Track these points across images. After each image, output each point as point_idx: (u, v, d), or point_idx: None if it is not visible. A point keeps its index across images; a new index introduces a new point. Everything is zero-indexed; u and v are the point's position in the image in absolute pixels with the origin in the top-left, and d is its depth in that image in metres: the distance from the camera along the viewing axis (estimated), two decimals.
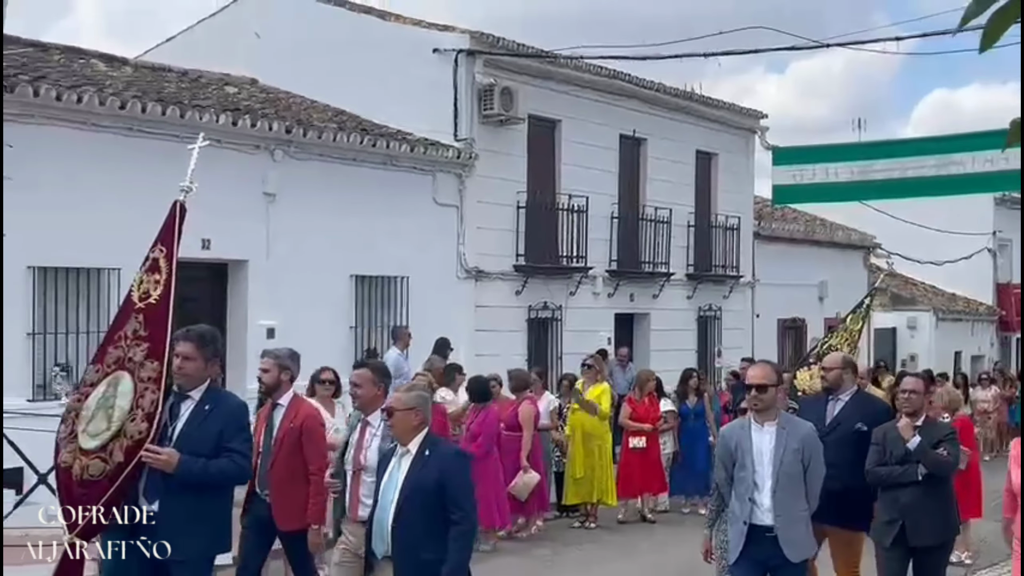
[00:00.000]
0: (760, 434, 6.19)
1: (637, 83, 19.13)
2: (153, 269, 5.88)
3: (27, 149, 11.18)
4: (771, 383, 6.22)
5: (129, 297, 5.95)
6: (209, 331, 6.00)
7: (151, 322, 5.70)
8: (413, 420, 5.60)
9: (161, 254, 5.90)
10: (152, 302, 5.76)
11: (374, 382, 6.45)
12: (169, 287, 5.77)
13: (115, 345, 5.77)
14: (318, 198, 14.09)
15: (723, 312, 21.62)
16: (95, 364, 5.86)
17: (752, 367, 6.52)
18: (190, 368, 5.70)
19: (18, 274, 11.24)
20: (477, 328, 16.35)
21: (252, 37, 17.77)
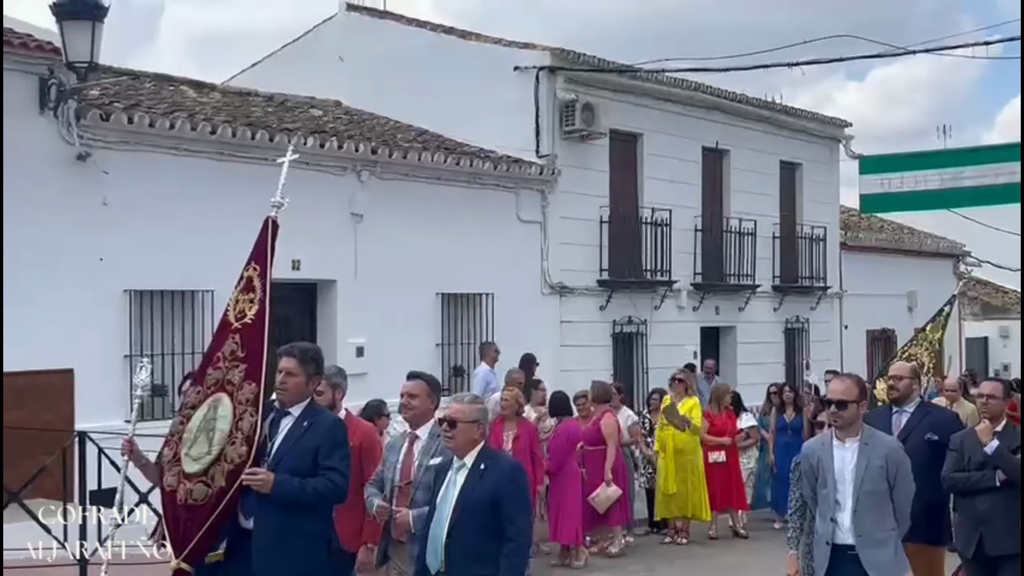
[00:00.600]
0: (842, 451, 5.97)
1: (719, 95, 19.02)
2: (248, 288, 5.88)
3: (122, 175, 11.47)
4: (852, 399, 5.93)
5: (225, 317, 5.93)
6: (312, 348, 5.97)
7: (247, 342, 5.69)
8: (475, 433, 5.46)
9: (255, 272, 5.90)
10: (248, 321, 5.76)
11: (428, 395, 6.30)
12: (264, 305, 5.77)
13: (214, 366, 5.77)
14: (404, 217, 14.24)
15: (810, 324, 21.33)
16: (195, 386, 5.88)
17: (833, 381, 6.22)
18: (291, 384, 5.64)
19: (115, 297, 11.53)
20: (562, 344, 16.35)
21: (335, 60, 18.03)
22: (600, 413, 11.68)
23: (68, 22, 10.49)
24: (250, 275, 5.91)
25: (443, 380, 14.80)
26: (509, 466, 5.61)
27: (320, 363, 5.91)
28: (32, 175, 10.84)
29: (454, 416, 5.47)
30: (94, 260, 11.21)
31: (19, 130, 10.75)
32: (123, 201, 11.43)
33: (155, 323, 11.96)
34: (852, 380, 6.08)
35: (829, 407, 5.97)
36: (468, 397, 5.69)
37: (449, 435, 5.49)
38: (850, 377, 6.17)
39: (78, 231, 11.13)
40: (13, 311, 10.44)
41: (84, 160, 11.17)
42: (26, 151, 10.77)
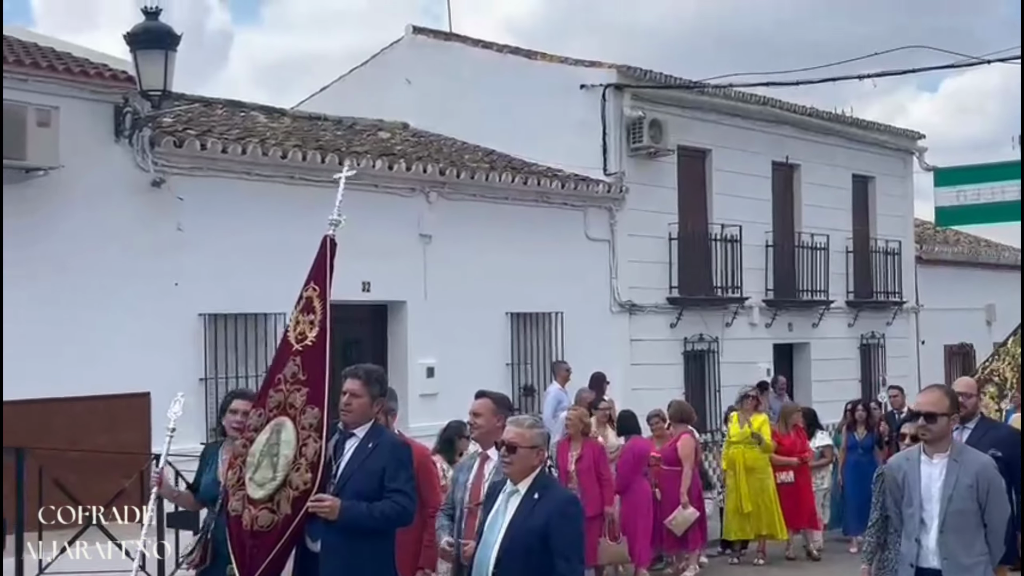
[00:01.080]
0: (929, 467, 5.64)
1: (788, 108, 18.84)
2: (307, 309, 5.81)
3: (196, 200, 11.64)
4: (942, 411, 5.60)
5: (286, 338, 5.88)
6: (376, 370, 5.89)
7: (309, 365, 5.64)
8: (535, 460, 5.19)
9: (314, 292, 5.83)
10: (309, 344, 5.70)
11: (494, 412, 6.17)
12: (324, 327, 5.69)
13: (275, 388, 5.73)
14: (472, 237, 14.27)
15: (886, 339, 20.98)
16: (257, 408, 5.82)
17: (922, 392, 5.93)
18: (356, 405, 5.60)
19: (190, 321, 11.68)
20: (632, 362, 16.25)
21: (403, 83, 18.16)
22: (678, 433, 11.57)
23: (142, 51, 10.69)
24: (309, 295, 5.85)
25: (513, 400, 14.76)
26: (564, 498, 5.29)
27: (384, 385, 5.86)
28: (108, 202, 11.05)
29: (514, 441, 5.20)
30: (169, 285, 11.38)
31: (95, 158, 10.97)
32: (197, 226, 11.60)
33: (229, 346, 12.10)
34: (942, 391, 5.79)
35: (917, 419, 5.68)
36: (528, 421, 5.38)
37: (507, 460, 5.23)
38: (940, 388, 5.88)
39: (153, 256, 11.31)
40: (90, 336, 10.64)
41: (159, 186, 11.36)
42: (102, 179, 10.99)
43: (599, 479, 10.14)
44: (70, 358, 10.38)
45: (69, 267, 10.66)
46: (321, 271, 5.86)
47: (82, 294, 10.70)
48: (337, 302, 13.75)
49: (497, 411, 6.19)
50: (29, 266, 10.38)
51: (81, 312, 10.64)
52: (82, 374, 10.27)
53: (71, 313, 10.59)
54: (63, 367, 10.23)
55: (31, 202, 10.48)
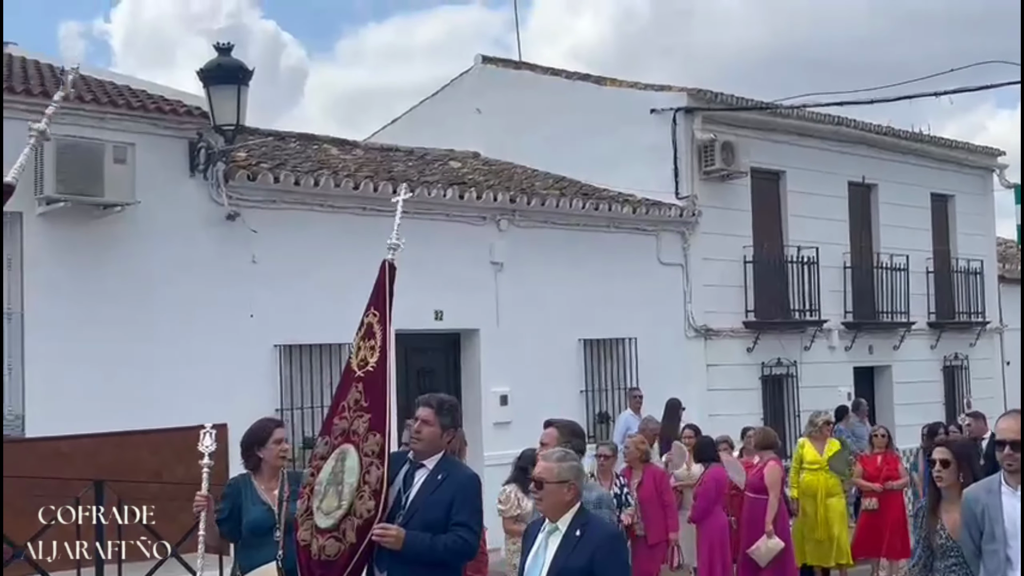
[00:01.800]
0: (1013, 499, 5.15)
1: (863, 128, 18.56)
2: (368, 335, 5.73)
3: (269, 233, 11.76)
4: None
5: (348, 365, 5.84)
6: (450, 400, 5.79)
7: (370, 391, 5.58)
8: (566, 495, 4.92)
9: (374, 318, 5.75)
10: (370, 369, 5.63)
11: (558, 441, 6.16)
12: (385, 353, 5.62)
13: (340, 416, 5.67)
14: (544, 264, 14.22)
15: (970, 361, 20.48)
16: (323, 436, 5.78)
17: (1003, 418, 5.39)
18: (426, 433, 5.53)
19: (265, 353, 11.78)
20: (709, 388, 16.04)
21: (473, 112, 18.24)
22: (764, 460, 11.31)
23: (215, 87, 10.85)
24: (370, 321, 5.76)
25: (588, 427, 14.67)
26: (608, 534, 5.09)
27: (456, 416, 5.75)
28: (184, 236, 11.21)
29: (540, 476, 4.99)
30: (244, 316, 11.50)
31: (171, 192, 11.15)
32: (271, 258, 11.72)
33: (304, 376, 12.18)
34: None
35: (1003, 448, 5.19)
36: (557, 454, 5.15)
37: (538, 496, 5.04)
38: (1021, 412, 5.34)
39: (229, 288, 11.44)
40: (168, 369, 10.77)
41: (233, 219, 11.50)
42: (178, 213, 11.16)
43: (662, 506, 9.98)
44: (149, 391, 10.52)
45: (146, 301, 10.82)
46: (381, 296, 5.78)
47: (159, 328, 10.85)
48: (410, 331, 13.87)
49: (563, 439, 6.18)
50: (107, 301, 10.56)
51: (159, 345, 10.79)
52: (160, 406, 10.38)
53: (149, 347, 10.74)
54: (142, 400, 10.36)
55: (109, 238, 10.68)
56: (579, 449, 6.22)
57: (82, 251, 10.45)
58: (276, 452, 6.07)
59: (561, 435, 6.24)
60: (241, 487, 6.10)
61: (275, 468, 6.05)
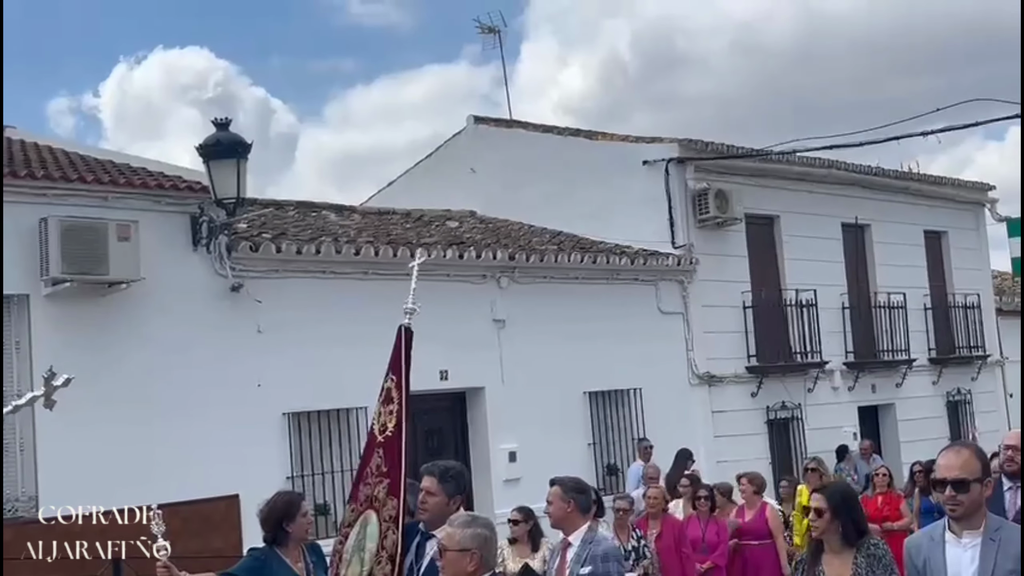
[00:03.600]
0: (957, 548, 4.39)
1: (854, 170, 18.78)
2: (387, 400, 5.76)
3: (274, 302, 11.87)
4: (973, 476, 4.30)
5: (371, 431, 5.87)
6: (454, 467, 5.78)
7: (389, 456, 5.59)
8: (467, 566, 4.39)
9: (392, 383, 5.78)
10: (389, 434, 5.65)
11: (562, 498, 6.04)
12: (401, 417, 5.64)
13: (365, 482, 5.72)
14: (546, 319, 14.33)
15: (973, 395, 20.55)
16: (351, 503, 5.84)
17: (944, 453, 4.50)
18: (432, 504, 5.51)
19: (274, 421, 11.84)
20: (716, 434, 16.09)
21: (467, 172, 18.45)
22: (761, 505, 11.35)
23: (215, 162, 11.00)
24: (388, 386, 5.81)
25: (597, 480, 14.71)
26: None
27: (462, 481, 5.69)
28: (189, 310, 11.31)
29: (442, 542, 4.55)
30: (252, 386, 11.57)
31: (175, 267, 11.27)
32: (276, 327, 11.81)
33: (313, 443, 12.23)
34: (971, 451, 4.46)
35: (942, 489, 4.36)
36: (462, 519, 4.66)
37: (440, 563, 4.63)
38: (967, 447, 4.53)
39: (236, 359, 11.52)
40: (179, 442, 10.82)
41: (237, 291, 11.61)
42: (182, 288, 11.27)
43: (679, 557, 9.98)
44: (160, 465, 10.56)
45: (155, 376, 10.90)
46: (397, 361, 5.82)
47: (168, 402, 10.92)
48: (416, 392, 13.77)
49: (565, 496, 6.05)
50: (116, 378, 10.63)
51: (169, 419, 10.85)
52: (173, 480, 10.41)
53: (159, 421, 10.79)
54: (154, 474, 10.39)
55: (115, 315, 10.77)
56: (584, 506, 6.10)
57: (89, 330, 10.54)
58: (303, 525, 6.10)
59: (564, 492, 6.07)
60: (268, 560, 6.09)
61: (300, 540, 6.08)
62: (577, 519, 6.04)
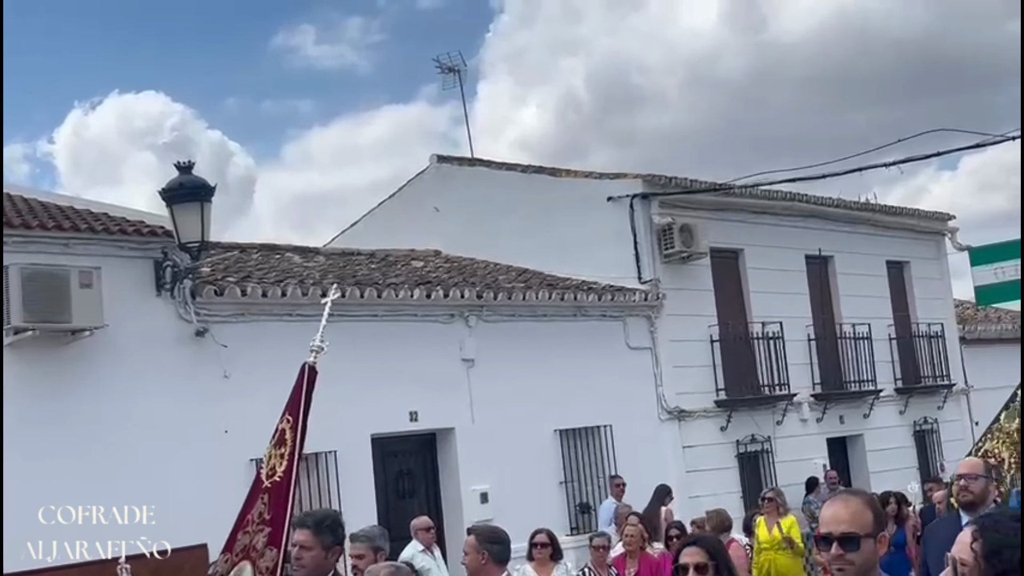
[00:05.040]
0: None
1: (816, 202, 18.90)
2: (280, 442, 5.50)
3: (240, 346, 11.72)
4: (864, 531, 3.57)
5: (258, 475, 5.57)
6: (329, 516, 5.32)
7: (274, 502, 5.35)
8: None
9: (288, 424, 5.52)
10: (277, 479, 5.41)
11: (477, 548, 5.82)
12: (293, 461, 5.38)
13: (244, 530, 5.44)
14: (514, 357, 14.25)
15: (939, 424, 20.63)
16: (224, 553, 5.51)
17: (829, 504, 3.72)
18: (307, 559, 5.01)
19: (242, 467, 11.61)
20: (687, 469, 16.02)
21: (431, 211, 18.39)
22: (728, 542, 11.24)
23: (178, 205, 10.88)
24: (283, 427, 5.53)
25: (570, 519, 14.61)
26: None
27: (338, 531, 5.23)
28: (154, 356, 11.13)
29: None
30: (219, 432, 11.39)
31: (139, 312, 11.10)
32: (242, 371, 11.65)
33: None
34: (861, 500, 3.70)
35: (828, 546, 3.58)
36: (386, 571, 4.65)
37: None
38: (858, 496, 3.76)
39: (202, 406, 11.34)
40: (145, 491, 10.58)
41: (203, 336, 11.46)
42: (146, 334, 11.10)
43: None
44: (127, 515, 10.33)
45: (120, 424, 10.71)
46: (296, 401, 5.53)
47: (134, 449, 10.71)
48: (386, 434, 13.78)
49: (480, 547, 5.83)
50: (80, 426, 10.43)
51: (134, 467, 10.64)
52: (139, 530, 10.19)
53: (125, 470, 10.58)
54: (121, 525, 10.16)
55: (78, 363, 10.58)
56: (499, 557, 5.87)
57: (53, 378, 10.35)
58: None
59: (479, 543, 5.84)
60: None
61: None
62: (492, 570, 5.82)
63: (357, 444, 12.49)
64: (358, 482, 12.41)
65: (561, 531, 14.22)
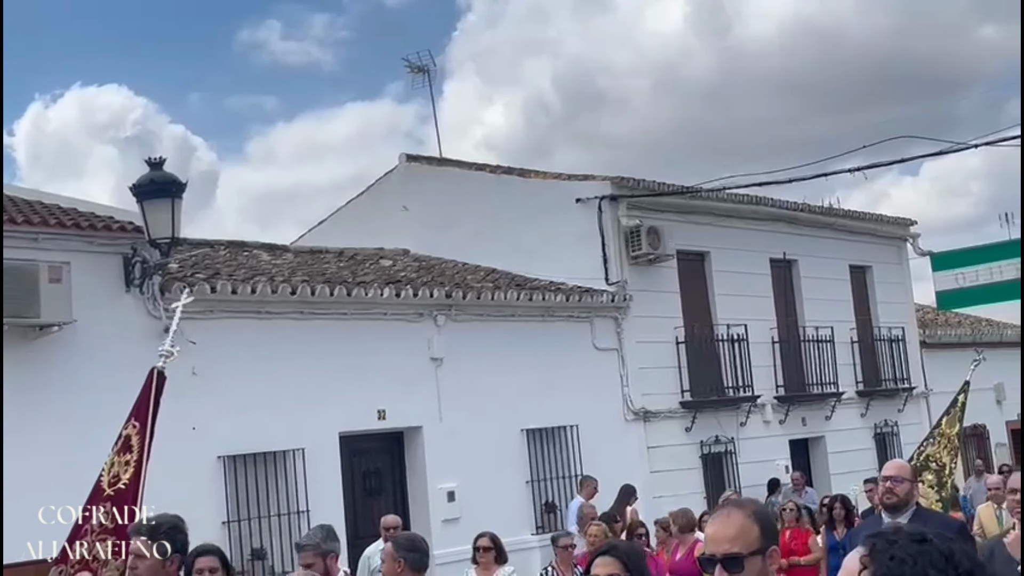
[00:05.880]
0: None
1: (781, 206, 19.11)
2: (125, 449, 5.32)
3: (209, 344, 11.66)
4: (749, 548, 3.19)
5: (98, 483, 5.32)
6: (167, 522, 4.98)
7: (119, 511, 5.13)
8: None
9: (134, 430, 5.35)
10: (121, 487, 5.23)
11: (393, 557, 5.85)
12: (140, 468, 5.20)
13: (80, 540, 5.20)
14: (482, 357, 14.31)
15: (899, 427, 20.90)
16: (58, 564, 5.27)
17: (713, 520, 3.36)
18: (142, 568, 4.78)
19: (209, 465, 11.64)
20: (652, 470, 16.15)
21: (400, 210, 18.41)
22: (691, 543, 11.28)
23: (148, 201, 10.85)
24: (128, 434, 5.33)
25: (535, 518, 14.70)
26: None
27: (177, 538, 4.91)
28: (122, 353, 11.06)
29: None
30: (187, 429, 11.34)
31: (107, 310, 11.06)
32: (211, 368, 11.62)
33: (250, 487, 12.03)
34: (744, 514, 3.29)
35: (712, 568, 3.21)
36: None
37: None
38: (741, 509, 3.34)
39: (170, 402, 11.11)
40: None
41: None
42: (115, 330, 11.06)
43: None
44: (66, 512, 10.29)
45: (88, 420, 10.62)
46: (144, 406, 5.35)
47: (102, 446, 10.61)
48: (354, 432, 13.77)
49: (396, 555, 5.82)
50: (48, 422, 10.38)
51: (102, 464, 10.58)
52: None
53: (92, 466, 10.51)
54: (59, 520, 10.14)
55: (46, 358, 10.53)
56: (415, 564, 5.84)
57: (21, 373, 10.29)
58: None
59: (396, 551, 5.86)
60: None
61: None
62: None
63: (325, 442, 12.52)
64: (325, 480, 12.43)
65: (527, 530, 14.36)
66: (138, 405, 5.39)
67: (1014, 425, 24.24)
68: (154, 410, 5.29)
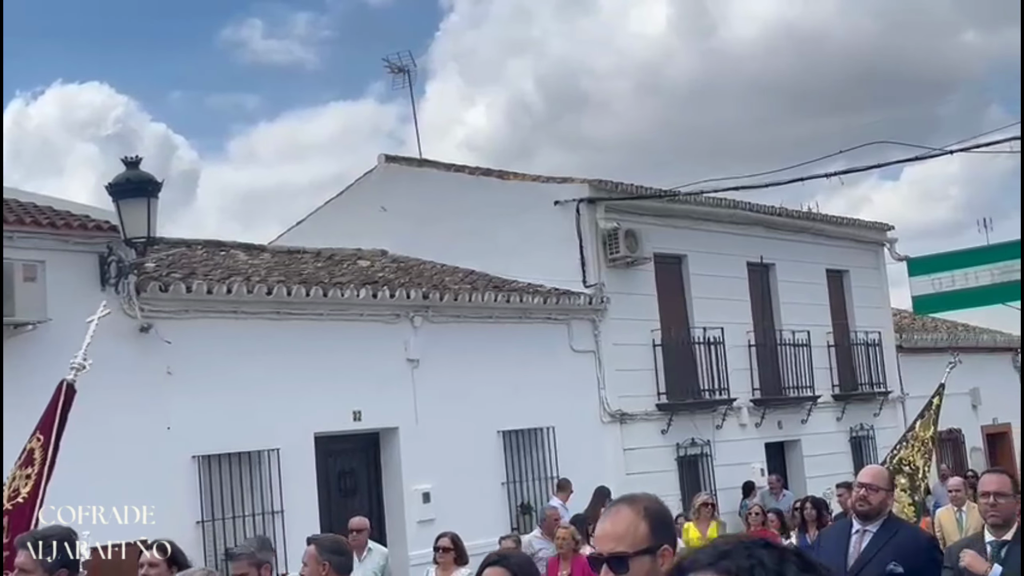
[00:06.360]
0: None
1: (758, 210, 19.19)
2: (27, 462, 5.16)
3: (184, 343, 11.68)
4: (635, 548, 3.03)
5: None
6: (53, 534, 4.80)
7: (15, 526, 4.98)
8: None
9: (38, 443, 5.18)
10: (20, 501, 5.10)
11: (317, 559, 5.71)
12: (40, 483, 5.07)
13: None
14: (459, 358, 14.33)
15: (875, 431, 21.01)
16: None
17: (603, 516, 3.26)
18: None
19: (184, 464, 11.62)
20: (628, 472, 16.18)
21: (378, 211, 18.40)
22: None
23: (124, 200, 10.83)
24: (32, 447, 5.17)
25: (511, 519, 14.71)
26: None
27: (64, 549, 4.70)
28: (97, 350, 10.97)
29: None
30: (162, 429, 11.36)
31: (83, 308, 10.92)
32: (186, 368, 11.63)
33: (224, 487, 12.02)
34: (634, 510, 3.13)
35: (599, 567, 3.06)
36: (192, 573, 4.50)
37: None
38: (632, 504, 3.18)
39: (145, 402, 11.30)
40: (87, 488, 10.53)
41: (147, 332, 11.41)
42: None
43: None
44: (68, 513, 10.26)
45: None
46: (50, 419, 5.16)
47: (75, 446, 10.60)
48: (329, 433, 13.77)
49: (320, 558, 5.71)
50: (21, 421, 10.31)
51: (77, 464, 10.53)
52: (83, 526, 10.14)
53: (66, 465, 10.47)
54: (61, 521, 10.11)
55: (20, 357, 10.48)
56: (340, 567, 5.72)
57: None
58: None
59: (320, 553, 5.74)
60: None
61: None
62: None
63: (300, 443, 12.52)
64: (300, 481, 12.43)
65: (502, 531, 14.35)
66: (44, 418, 5.16)
67: (989, 429, 24.42)
68: (60, 423, 5.05)
